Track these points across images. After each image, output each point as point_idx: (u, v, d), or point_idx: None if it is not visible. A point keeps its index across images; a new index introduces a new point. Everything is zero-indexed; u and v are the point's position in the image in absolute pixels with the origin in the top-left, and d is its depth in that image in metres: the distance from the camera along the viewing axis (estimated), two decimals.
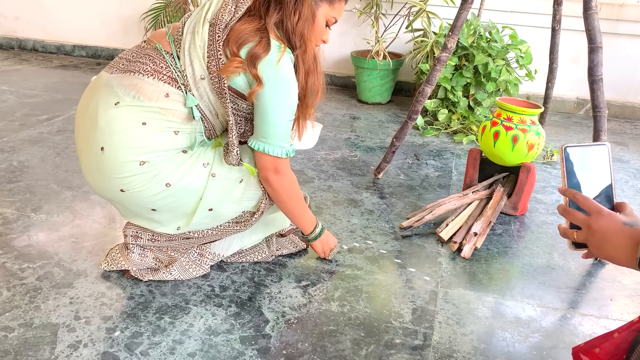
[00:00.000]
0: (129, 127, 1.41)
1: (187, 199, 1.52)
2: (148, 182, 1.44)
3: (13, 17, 4.77)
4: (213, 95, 1.48)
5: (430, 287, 1.69)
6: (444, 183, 2.49)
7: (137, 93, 1.43)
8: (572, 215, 0.92)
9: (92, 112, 1.46)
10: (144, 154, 1.42)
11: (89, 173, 1.50)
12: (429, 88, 2.23)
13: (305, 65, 1.51)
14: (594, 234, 0.89)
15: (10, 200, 2.08)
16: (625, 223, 0.86)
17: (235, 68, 1.42)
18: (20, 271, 1.64)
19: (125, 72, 1.47)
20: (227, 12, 1.44)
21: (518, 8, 3.66)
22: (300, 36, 1.48)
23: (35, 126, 2.91)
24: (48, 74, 4.07)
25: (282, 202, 1.62)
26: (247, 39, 1.42)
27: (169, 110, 1.44)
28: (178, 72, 1.46)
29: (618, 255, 0.86)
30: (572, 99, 3.81)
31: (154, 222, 1.57)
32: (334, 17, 1.57)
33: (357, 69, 3.70)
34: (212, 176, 1.53)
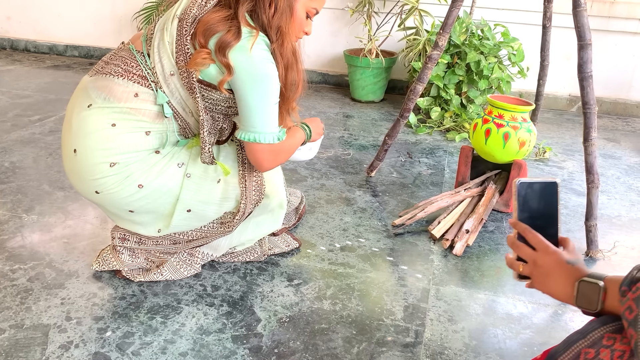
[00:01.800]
0: (99, 129, 1.40)
1: (163, 200, 1.51)
2: (120, 183, 1.44)
3: (5, 17, 4.74)
4: (184, 90, 1.44)
5: (422, 284, 1.69)
6: (436, 181, 2.50)
7: (107, 94, 1.42)
8: (520, 249, 0.97)
9: (68, 114, 1.47)
10: (114, 155, 1.41)
11: (68, 174, 1.51)
12: (421, 86, 2.24)
13: (284, 59, 1.46)
14: (539, 269, 0.94)
15: (1, 201, 2.07)
16: (568, 261, 0.92)
17: (203, 59, 1.37)
18: (12, 272, 1.64)
19: (99, 74, 1.46)
20: (197, 7, 1.40)
21: (510, 5, 3.67)
22: (277, 29, 1.42)
23: (27, 127, 2.90)
24: (40, 75, 4.06)
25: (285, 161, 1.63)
26: (215, 28, 1.36)
27: (138, 110, 1.42)
28: (148, 69, 1.44)
29: (558, 291, 0.92)
30: (565, 96, 3.82)
31: (134, 224, 1.57)
32: (315, 8, 1.50)
33: (350, 67, 3.70)
34: (187, 177, 1.51)
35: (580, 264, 0.92)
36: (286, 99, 1.52)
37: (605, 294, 0.85)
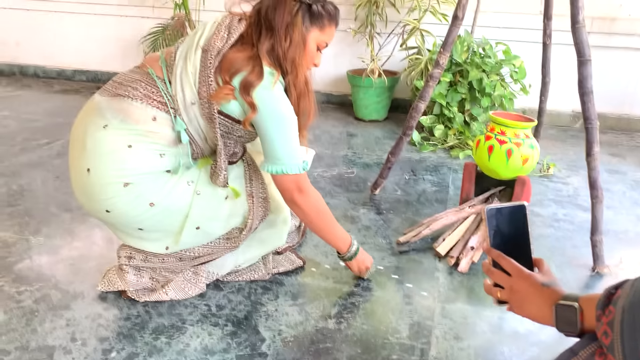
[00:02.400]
0: (115, 150, 1.43)
1: (173, 217, 1.53)
2: (132, 202, 1.46)
3: (14, 43, 4.83)
4: (203, 120, 1.50)
5: (427, 302, 1.69)
6: (441, 198, 2.50)
7: (124, 116, 1.45)
8: (496, 275, 0.99)
9: (81, 134, 1.48)
10: (128, 176, 1.44)
11: (77, 193, 1.53)
12: (423, 104, 2.25)
13: (297, 90, 1.54)
14: (515, 294, 0.96)
15: (9, 223, 2.09)
16: (544, 284, 0.93)
17: (226, 95, 1.44)
18: (18, 294, 1.65)
19: (115, 96, 1.49)
20: (220, 39, 1.47)
21: (511, 24, 3.70)
22: (291, 62, 1.50)
23: (35, 150, 2.94)
24: (49, 99, 4.12)
25: (311, 222, 1.64)
26: (240, 67, 1.45)
27: (155, 133, 1.46)
28: (169, 96, 1.49)
29: (537, 315, 0.92)
30: (568, 112, 3.83)
31: (142, 241, 1.58)
32: (325, 42, 1.59)
33: (353, 87, 3.73)
34: (196, 194, 1.54)
35: (555, 286, 0.93)
36: (299, 127, 1.57)
37: (582, 314, 0.85)
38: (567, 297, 0.89)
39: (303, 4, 1.51)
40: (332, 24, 1.58)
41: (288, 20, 1.48)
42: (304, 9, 1.51)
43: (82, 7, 4.53)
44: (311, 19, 1.53)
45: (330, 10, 1.57)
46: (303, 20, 1.51)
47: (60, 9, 4.60)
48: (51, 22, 4.67)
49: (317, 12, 1.53)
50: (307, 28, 1.53)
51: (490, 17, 3.71)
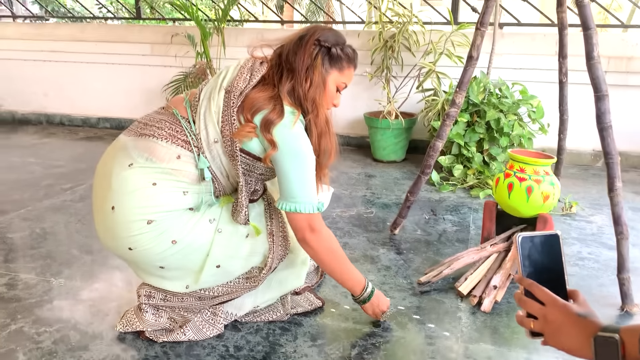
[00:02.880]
0: (140, 188, 1.46)
1: (194, 255, 1.53)
2: (154, 239, 1.47)
3: (42, 93, 5.01)
4: (225, 157, 1.53)
5: (450, 342, 1.64)
6: (462, 237, 2.47)
7: (149, 155, 1.48)
8: (529, 305, 0.94)
9: (107, 173, 1.51)
10: (152, 214, 1.45)
11: (100, 231, 1.54)
12: (440, 143, 2.26)
13: (318, 129, 1.57)
14: (550, 325, 0.90)
15: (31, 265, 2.12)
16: (579, 314, 0.88)
17: (248, 133, 1.47)
18: (37, 335, 1.65)
19: (141, 136, 1.53)
20: (242, 80, 1.52)
21: (526, 65, 3.73)
22: (312, 102, 1.54)
23: (59, 195, 2.99)
24: (73, 146, 4.23)
25: (323, 262, 1.61)
26: (262, 106, 1.48)
27: (179, 171, 1.49)
28: (192, 135, 1.52)
29: (574, 347, 0.87)
30: (589, 151, 3.80)
31: (163, 280, 1.59)
32: (344, 83, 1.63)
33: (371, 128, 3.76)
34: (218, 232, 1.55)
35: (592, 317, 0.88)
36: (319, 166, 1.60)
37: (623, 347, 0.81)
38: (607, 328, 0.84)
39: (322, 47, 1.55)
40: (351, 66, 1.63)
41: (308, 63, 1.53)
42: (323, 52, 1.56)
43: (108, 57, 4.70)
44: (330, 61, 1.57)
45: (349, 53, 1.61)
46: (323, 62, 1.56)
47: (86, 60, 4.77)
48: (78, 72, 4.84)
49: (336, 55, 1.57)
50: (326, 70, 1.57)
51: (506, 59, 3.75)
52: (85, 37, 4.74)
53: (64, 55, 4.83)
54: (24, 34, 4.92)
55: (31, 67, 4.96)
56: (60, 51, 4.83)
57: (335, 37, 1.59)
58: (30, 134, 4.61)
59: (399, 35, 3.64)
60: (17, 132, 4.70)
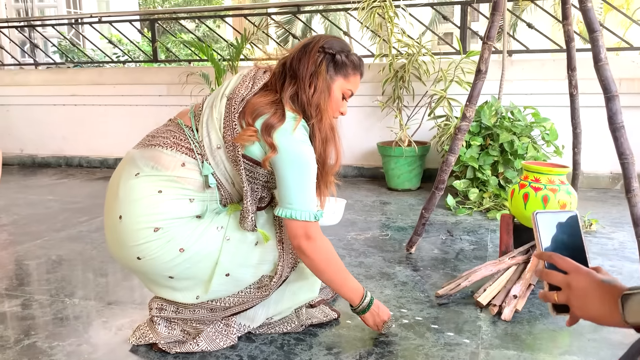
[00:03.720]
0: (146, 196, 1.46)
1: (202, 264, 1.52)
2: (162, 247, 1.46)
3: (61, 137, 5.13)
4: (229, 163, 1.53)
5: (470, 349, 1.59)
6: (479, 255, 2.42)
7: (155, 164, 1.50)
8: (551, 275, 0.90)
9: (114, 184, 1.54)
10: (158, 221, 1.45)
11: (110, 242, 1.55)
12: (453, 157, 2.26)
13: (322, 134, 1.56)
14: (575, 292, 0.87)
15: (46, 287, 2.12)
16: (604, 280, 0.85)
17: (249, 137, 1.47)
18: (50, 349, 1.63)
19: (147, 146, 1.56)
20: (244, 88, 1.54)
21: (537, 90, 3.75)
22: (316, 107, 1.54)
23: (75, 226, 3.02)
24: (90, 185, 4.29)
25: (320, 271, 1.57)
26: (263, 110, 1.49)
27: (184, 179, 1.49)
28: (196, 142, 1.53)
29: (600, 312, 0.84)
30: (606, 174, 3.75)
31: (173, 291, 1.57)
32: (350, 90, 1.63)
33: (384, 157, 3.77)
34: (226, 240, 1.53)
35: (617, 282, 0.85)
36: (324, 172, 1.59)
37: None
38: (632, 288, 0.80)
39: (327, 54, 1.57)
40: (357, 73, 1.64)
41: (312, 70, 1.54)
42: (328, 59, 1.57)
43: (125, 99, 4.83)
44: (335, 68, 1.59)
45: (354, 60, 1.63)
46: (327, 69, 1.57)
47: (104, 102, 4.91)
48: (96, 115, 4.97)
49: (341, 62, 1.59)
50: (331, 77, 1.58)
51: (516, 85, 3.78)
52: (103, 80, 4.90)
53: (82, 99, 4.98)
54: (46, 80, 5.10)
55: (51, 112, 5.12)
56: (79, 95, 4.98)
57: (340, 45, 1.61)
58: (49, 176, 4.70)
59: (409, 65, 3.70)
60: (36, 174, 4.79)
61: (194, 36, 5.21)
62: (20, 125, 5.24)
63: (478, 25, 13.22)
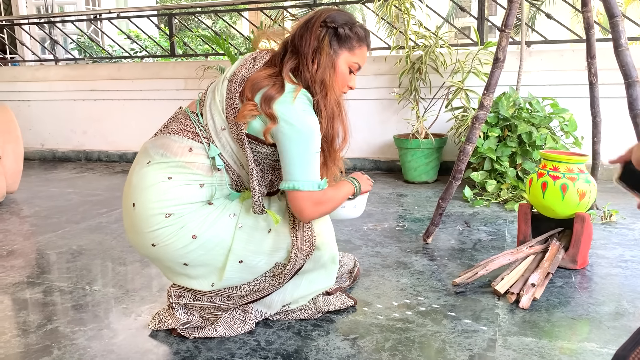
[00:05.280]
0: (156, 182, 1.48)
1: (215, 251, 1.53)
2: (175, 234, 1.48)
3: (81, 131, 5.20)
4: (234, 144, 1.53)
5: (487, 335, 1.58)
6: (497, 245, 2.40)
7: (164, 151, 1.52)
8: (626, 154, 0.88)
9: (130, 174, 1.56)
10: (170, 207, 1.47)
11: (127, 231, 1.57)
12: (470, 146, 2.24)
13: (328, 110, 1.54)
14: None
15: (67, 276, 2.15)
16: None
17: (249, 111, 1.47)
18: (72, 333, 1.66)
19: (158, 135, 1.58)
20: (245, 69, 1.54)
21: (556, 81, 3.70)
22: (320, 83, 1.52)
23: (95, 218, 3.06)
24: (109, 178, 4.34)
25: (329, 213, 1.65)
26: (261, 83, 1.48)
27: (193, 164, 1.51)
28: (201, 126, 1.54)
29: None
30: None
31: (189, 279, 1.58)
32: (357, 63, 1.61)
33: (401, 150, 3.76)
34: (239, 227, 1.54)
35: None
36: (332, 150, 1.58)
37: None
38: None
39: (329, 29, 1.55)
40: (362, 45, 1.61)
41: (315, 45, 1.53)
42: (330, 33, 1.55)
43: (143, 94, 4.88)
44: (339, 41, 1.56)
45: (359, 32, 1.60)
46: (330, 43, 1.55)
47: (123, 97, 4.97)
48: (115, 109, 5.03)
49: (345, 35, 1.56)
50: (335, 51, 1.56)
51: (535, 76, 3.74)
52: (122, 75, 4.95)
53: (101, 94, 5.04)
54: (65, 76, 5.17)
55: (71, 107, 5.19)
56: (98, 90, 5.05)
57: (343, 18, 1.58)
58: (69, 170, 4.77)
59: (426, 56, 3.68)
60: (57, 168, 4.86)
61: (211, 31, 5.24)
62: (41, 121, 5.32)
63: (496, 20, 13.10)
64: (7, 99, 5.33)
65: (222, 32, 10.19)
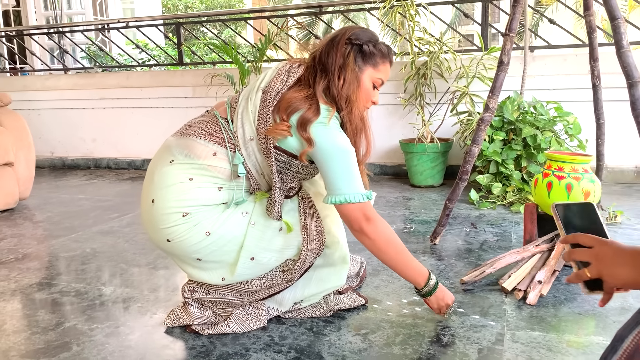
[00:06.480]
0: (178, 182, 1.54)
1: (228, 247, 1.58)
2: (189, 231, 1.53)
3: (91, 139, 5.27)
4: (260, 155, 1.59)
5: (496, 330, 1.62)
6: (504, 245, 2.44)
7: (188, 152, 1.57)
8: (578, 253, 0.93)
9: (151, 169, 1.61)
10: (187, 207, 1.52)
11: (145, 224, 1.63)
12: (476, 148, 2.29)
13: (353, 125, 1.61)
14: (604, 263, 0.89)
15: (82, 277, 2.20)
16: (627, 247, 0.88)
17: (282, 131, 1.53)
18: (90, 330, 1.71)
19: (183, 135, 1.63)
20: (280, 81, 1.60)
21: (560, 85, 3.75)
22: (346, 99, 1.59)
23: (107, 222, 3.12)
24: (119, 185, 4.40)
25: (381, 251, 1.59)
26: (298, 106, 1.54)
27: (215, 168, 1.56)
28: (230, 133, 1.60)
29: (632, 275, 0.86)
30: (631, 169, 3.73)
31: (201, 272, 1.63)
32: (380, 79, 1.68)
33: (407, 154, 3.80)
34: (251, 224, 1.59)
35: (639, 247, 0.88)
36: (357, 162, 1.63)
37: None
38: None
39: (354, 46, 1.62)
40: (386, 61, 1.68)
41: (341, 62, 1.60)
42: (355, 50, 1.62)
43: (152, 102, 4.95)
44: (364, 58, 1.63)
45: (382, 49, 1.67)
46: (355, 60, 1.62)
47: (131, 105, 5.04)
48: (124, 117, 5.10)
49: (369, 52, 1.64)
50: (359, 67, 1.63)
51: (539, 81, 3.78)
52: (131, 83, 5.02)
53: (110, 102, 5.12)
54: (75, 84, 5.25)
55: (80, 115, 5.26)
56: (107, 98, 5.12)
57: (367, 35, 1.66)
58: (79, 177, 4.83)
59: (431, 62, 3.73)
60: (66, 175, 4.92)
61: (219, 39, 5.31)
62: (51, 129, 5.40)
63: (499, 27, 13.15)
64: (17, 107, 5.41)
65: (229, 40, 10.29)
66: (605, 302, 0.94)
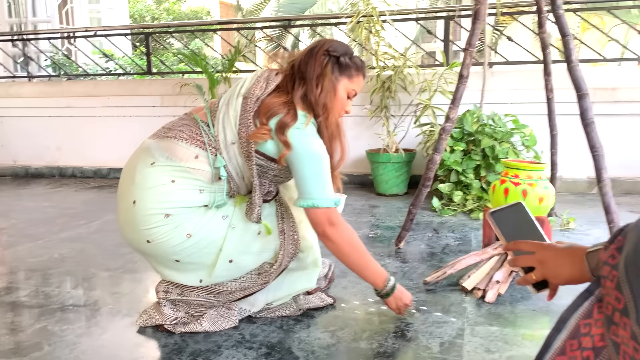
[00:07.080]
0: (160, 184, 1.58)
1: (207, 249, 1.63)
2: (170, 232, 1.58)
3: (55, 147, 5.21)
4: (241, 158, 1.65)
5: (457, 325, 1.71)
6: (464, 249, 2.55)
7: (170, 154, 1.62)
8: (522, 260, 1.02)
9: (131, 170, 1.65)
10: (169, 209, 1.57)
11: (122, 225, 1.65)
12: (438, 156, 2.40)
13: (329, 131, 1.69)
14: (546, 265, 0.99)
15: (50, 281, 2.20)
16: (566, 246, 0.98)
17: (263, 135, 1.60)
18: (61, 331, 1.72)
19: (163, 138, 1.68)
20: (259, 88, 1.67)
21: (517, 99, 3.93)
22: (323, 106, 1.67)
23: (74, 229, 3.11)
24: (85, 193, 4.37)
25: (344, 254, 1.67)
26: (277, 110, 1.62)
27: (197, 170, 1.61)
28: (211, 137, 1.66)
29: (572, 273, 0.95)
30: (584, 179, 3.93)
31: (179, 274, 1.67)
32: (354, 90, 1.77)
33: (373, 164, 3.91)
34: (231, 228, 1.65)
35: (577, 245, 0.97)
36: (331, 167, 1.71)
37: None
38: (593, 245, 0.92)
39: (332, 57, 1.71)
40: (360, 74, 1.77)
41: (319, 71, 1.68)
42: (332, 61, 1.71)
43: (119, 110, 4.94)
44: (340, 69, 1.72)
45: (357, 62, 1.76)
46: (332, 70, 1.70)
47: (98, 114, 5.01)
48: (90, 125, 5.07)
49: (345, 64, 1.72)
50: (336, 77, 1.71)
51: (497, 95, 3.95)
52: (98, 92, 5.00)
53: (77, 110, 5.08)
54: (41, 92, 5.19)
55: (45, 123, 5.20)
56: (74, 106, 5.08)
57: (343, 48, 1.75)
58: (43, 185, 4.76)
59: (395, 76, 3.87)
60: (30, 184, 4.85)
61: (188, 49, 5.35)
62: (14, 137, 5.31)
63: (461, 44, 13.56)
64: None
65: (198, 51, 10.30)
66: (552, 297, 1.03)
